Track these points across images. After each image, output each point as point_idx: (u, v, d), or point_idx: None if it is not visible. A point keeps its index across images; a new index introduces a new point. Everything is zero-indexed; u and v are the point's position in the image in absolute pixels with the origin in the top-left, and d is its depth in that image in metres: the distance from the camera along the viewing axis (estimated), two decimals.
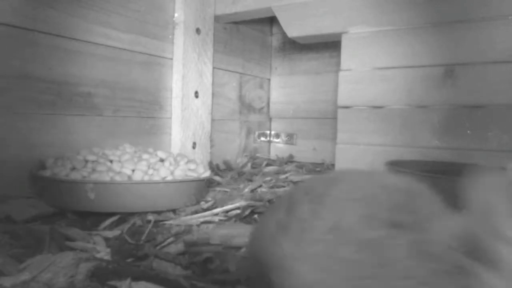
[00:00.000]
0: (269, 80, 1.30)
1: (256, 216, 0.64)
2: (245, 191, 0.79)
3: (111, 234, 0.52)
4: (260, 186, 0.84)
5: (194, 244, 0.48)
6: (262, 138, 1.27)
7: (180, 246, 0.48)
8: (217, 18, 1.02)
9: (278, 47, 1.29)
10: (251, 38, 1.20)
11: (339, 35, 0.88)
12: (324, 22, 0.89)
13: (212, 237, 0.49)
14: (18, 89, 0.65)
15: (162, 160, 0.69)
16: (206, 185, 0.74)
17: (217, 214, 0.63)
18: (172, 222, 0.58)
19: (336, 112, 0.89)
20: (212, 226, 0.56)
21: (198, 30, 0.95)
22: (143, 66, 0.86)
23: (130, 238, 0.51)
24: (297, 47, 1.23)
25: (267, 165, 1.13)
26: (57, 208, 0.59)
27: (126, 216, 0.58)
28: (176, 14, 0.92)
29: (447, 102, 0.76)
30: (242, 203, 0.67)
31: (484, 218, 0.24)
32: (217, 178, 0.89)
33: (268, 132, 1.29)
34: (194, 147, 0.95)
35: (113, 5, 0.78)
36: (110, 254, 0.45)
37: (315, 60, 1.22)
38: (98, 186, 0.56)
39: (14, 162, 0.64)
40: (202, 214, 0.62)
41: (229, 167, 1.07)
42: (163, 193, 0.61)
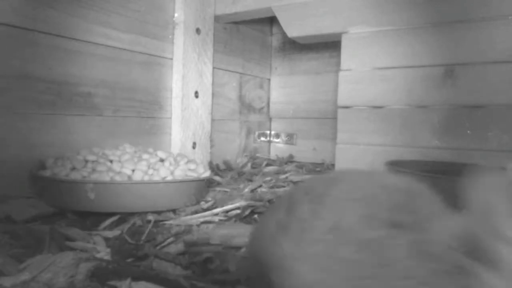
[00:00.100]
0: (269, 80, 1.30)
1: (256, 216, 0.64)
2: (245, 191, 0.79)
3: (111, 234, 0.52)
4: (260, 186, 0.84)
5: (194, 244, 0.48)
6: (262, 138, 1.27)
7: (180, 246, 0.48)
8: (217, 18, 1.02)
9: (278, 47, 1.29)
10: (251, 38, 1.20)
11: (339, 35, 0.88)
12: (324, 22, 0.89)
13: (212, 237, 0.49)
14: (18, 89, 0.65)
15: (162, 160, 0.69)
16: (206, 185, 0.74)
17: (217, 214, 0.63)
18: (172, 222, 0.58)
19: (336, 112, 0.89)
20: (212, 226, 0.56)
21: (198, 30, 0.95)
22: (143, 66, 0.86)
23: (130, 238, 0.51)
24: (297, 47, 1.23)
25: (267, 165, 1.13)
26: (57, 208, 0.59)
27: (126, 216, 0.58)
28: (176, 14, 0.92)
29: (447, 102, 0.76)
30: (242, 203, 0.67)
31: (484, 218, 0.24)
32: (217, 178, 0.89)
33: (268, 132, 1.29)
34: (194, 147, 0.95)
35: (113, 5, 0.78)
36: (110, 254, 0.45)
37: (315, 60, 1.22)
38: (98, 186, 0.56)
39: (14, 162, 0.64)
40: (202, 214, 0.62)
41: (229, 167, 1.07)
42: (163, 193, 0.61)
